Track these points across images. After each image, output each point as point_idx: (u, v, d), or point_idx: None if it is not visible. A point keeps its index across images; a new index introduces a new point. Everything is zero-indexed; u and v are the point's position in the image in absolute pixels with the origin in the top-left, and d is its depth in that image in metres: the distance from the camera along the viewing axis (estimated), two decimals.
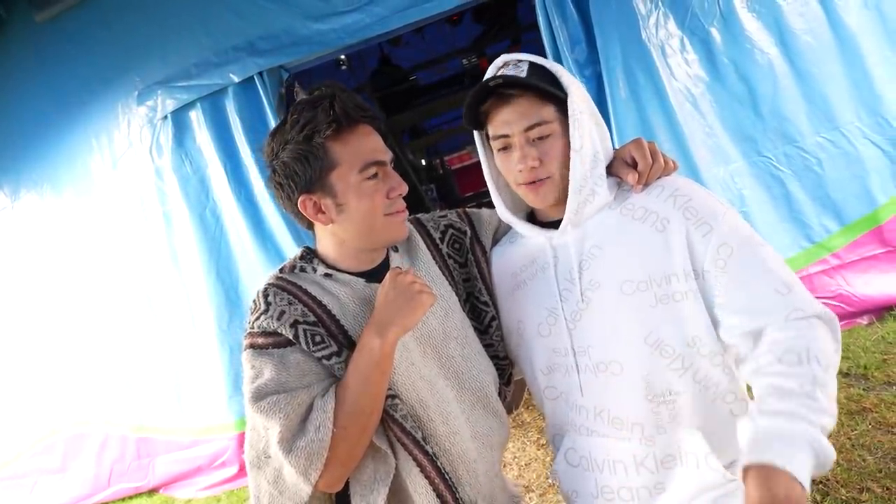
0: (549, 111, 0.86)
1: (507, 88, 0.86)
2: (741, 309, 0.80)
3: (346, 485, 0.85)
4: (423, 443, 0.85)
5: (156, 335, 3.07)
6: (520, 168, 0.87)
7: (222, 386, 2.94)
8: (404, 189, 0.89)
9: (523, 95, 0.86)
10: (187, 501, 3.09)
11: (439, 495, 0.85)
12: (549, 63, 0.88)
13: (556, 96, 0.86)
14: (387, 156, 0.89)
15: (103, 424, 3.20)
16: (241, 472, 2.99)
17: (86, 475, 3.23)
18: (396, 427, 0.84)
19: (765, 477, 0.65)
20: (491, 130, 0.91)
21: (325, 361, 0.83)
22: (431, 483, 0.85)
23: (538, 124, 0.86)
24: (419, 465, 0.85)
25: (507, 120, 0.87)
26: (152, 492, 3.21)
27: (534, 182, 0.88)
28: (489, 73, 0.91)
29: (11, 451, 3.36)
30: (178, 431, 3.10)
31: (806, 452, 0.66)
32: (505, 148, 0.90)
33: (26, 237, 3.23)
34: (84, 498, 3.23)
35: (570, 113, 0.85)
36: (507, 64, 0.88)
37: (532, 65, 0.87)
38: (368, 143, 0.87)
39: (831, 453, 0.68)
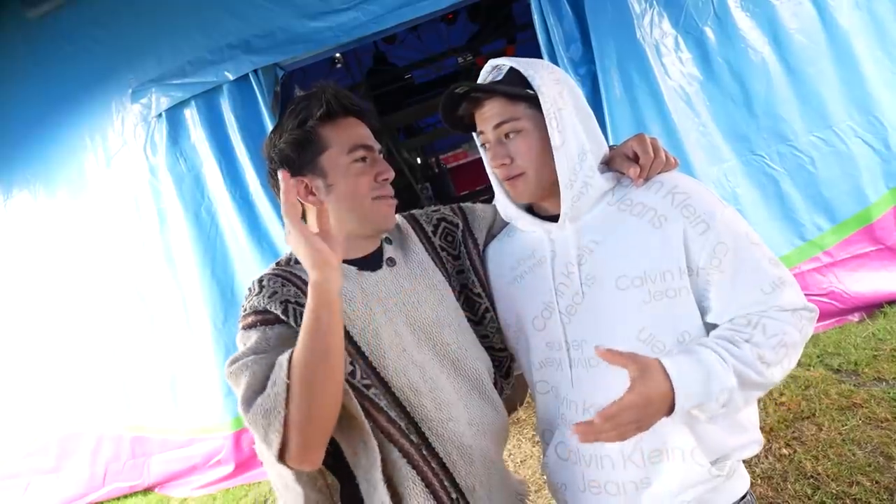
0: (518, 109, 0.89)
1: (475, 93, 0.91)
2: (727, 305, 0.82)
3: (351, 476, 0.85)
4: (407, 431, 0.86)
5: (150, 334, 3.06)
6: (493, 165, 0.92)
7: (217, 385, 2.93)
8: (391, 174, 0.93)
9: (491, 98, 0.90)
10: (182, 500, 3.08)
11: (428, 485, 0.85)
12: (525, 67, 0.89)
13: (526, 96, 0.88)
14: (375, 144, 0.95)
15: (98, 423, 3.19)
16: (237, 470, 2.98)
17: (80, 474, 3.22)
18: (382, 417, 0.85)
19: (652, 370, 0.72)
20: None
21: None
22: (419, 472, 0.85)
23: (507, 121, 0.89)
24: (405, 454, 0.85)
25: (481, 119, 0.92)
26: (147, 491, 3.20)
27: (509, 178, 0.92)
28: (480, 79, 0.95)
29: (4, 450, 3.33)
30: (173, 430, 3.09)
31: (698, 370, 0.73)
32: (484, 145, 0.95)
33: (19, 236, 3.20)
34: (78, 497, 3.21)
35: (544, 111, 0.86)
36: (494, 69, 0.93)
37: (511, 69, 0.90)
38: (358, 129, 0.93)
39: (724, 383, 0.73)
